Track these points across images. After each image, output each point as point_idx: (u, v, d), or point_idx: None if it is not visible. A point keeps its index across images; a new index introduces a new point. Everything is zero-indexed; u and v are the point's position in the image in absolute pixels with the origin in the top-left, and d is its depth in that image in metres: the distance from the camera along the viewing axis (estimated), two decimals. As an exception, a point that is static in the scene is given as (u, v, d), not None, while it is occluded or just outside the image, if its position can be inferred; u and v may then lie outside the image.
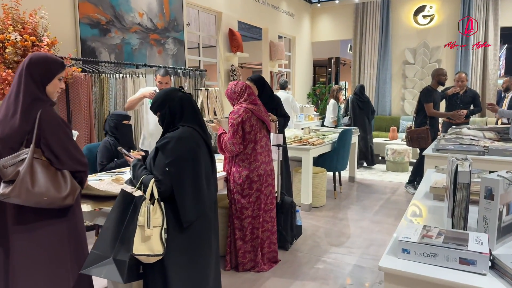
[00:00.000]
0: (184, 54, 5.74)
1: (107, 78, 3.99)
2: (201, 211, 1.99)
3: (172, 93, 2.08)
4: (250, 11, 7.50)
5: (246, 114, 2.82)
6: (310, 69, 10.70)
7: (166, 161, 1.89)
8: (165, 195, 1.92)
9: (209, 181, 2.09)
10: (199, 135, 2.06)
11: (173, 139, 1.94)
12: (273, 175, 3.07)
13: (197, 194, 1.96)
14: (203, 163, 2.03)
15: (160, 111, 2.08)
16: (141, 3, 4.97)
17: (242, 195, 2.89)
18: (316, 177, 4.66)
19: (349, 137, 5.05)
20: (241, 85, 2.98)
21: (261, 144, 2.92)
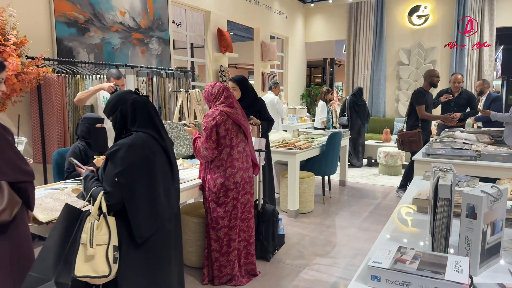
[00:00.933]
0: (169, 54, 5.56)
1: (82, 79, 3.81)
2: (158, 225, 1.82)
3: (125, 95, 1.92)
4: (240, 11, 7.33)
5: (221, 117, 2.65)
6: (304, 70, 10.54)
7: (116, 171, 1.72)
8: (116, 209, 1.75)
9: (168, 191, 1.92)
10: (155, 142, 1.89)
11: (123, 147, 1.77)
12: (252, 182, 2.89)
13: (153, 206, 1.79)
14: (160, 172, 1.86)
15: (112, 115, 1.92)
16: (123, 2, 4.79)
17: (217, 204, 2.71)
18: (303, 182, 4.49)
19: (338, 140, 4.88)
20: (219, 86, 2.81)
21: (238, 149, 2.74)
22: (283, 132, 5.38)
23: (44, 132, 3.62)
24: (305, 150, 4.42)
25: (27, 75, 3.21)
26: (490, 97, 5.99)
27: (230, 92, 2.80)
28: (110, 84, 3.42)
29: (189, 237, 3.10)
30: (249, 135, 2.82)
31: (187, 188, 2.73)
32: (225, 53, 6.53)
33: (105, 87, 3.42)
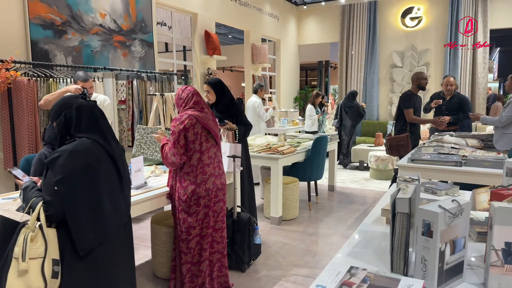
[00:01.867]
0: (153, 57, 5.45)
1: (55, 82, 3.70)
2: (102, 237, 1.71)
3: (70, 100, 1.81)
4: (229, 13, 7.22)
5: (190, 121, 2.52)
6: (297, 72, 10.43)
7: (55, 179, 1.61)
8: (56, 220, 1.63)
9: (115, 200, 1.81)
10: (101, 148, 1.78)
11: (64, 153, 1.66)
12: (225, 190, 2.76)
13: (96, 216, 1.68)
14: (106, 181, 1.75)
15: (56, 120, 1.80)
16: (103, 3, 4.68)
17: (188, 213, 2.57)
18: (287, 188, 4.37)
19: (323, 145, 4.76)
20: (189, 91, 2.68)
21: (209, 154, 2.61)
22: (269, 136, 5.26)
23: (15, 138, 3.50)
24: (289, 155, 4.29)
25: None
26: None
27: (201, 98, 2.67)
28: (76, 86, 3.30)
29: (159, 247, 2.97)
30: (219, 141, 2.69)
31: (153, 197, 2.60)
32: (213, 56, 6.42)
33: (72, 89, 3.30)
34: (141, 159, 2.76)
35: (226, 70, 15.91)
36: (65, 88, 3.38)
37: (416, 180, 1.62)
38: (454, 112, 5.02)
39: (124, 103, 4.47)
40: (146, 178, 2.96)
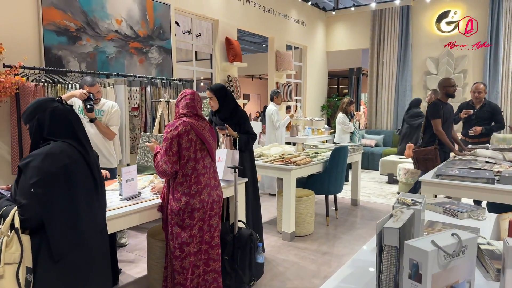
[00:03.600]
0: (171, 64, 5.38)
1: (63, 88, 3.66)
2: (78, 241, 1.68)
3: (45, 103, 1.77)
4: (252, 19, 7.08)
5: (184, 127, 2.35)
6: (325, 80, 10.12)
7: (31, 181, 1.57)
8: (31, 225, 1.59)
9: (91, 206, 1.77)
10: (77, 152, 1.75)
11: (39, 156, 1.63)
12: (222, 203, 2.56)
13: (73, 220, 1.66)
14: (82, 185, 1.72)
15: (29, 123, 1.76)
16: (119, 10, 4.66)
17: (182, 228, 2.38)
18: (300, 201, 4.09)
19: (343, 156, 4.45)
20: (183, 95, 2.51)
21: (204, 163, 2.42)
22: (286, 146, 5.01)
23: (22, 143, 3.49)
24: (303, 166, 4.02)
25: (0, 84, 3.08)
26: None
27: (198, 105, 2.49)
28: (82, 91, 3.25)
29: (154, 262, 2.80)
30: (213, 154, 2.48)
31: (143, 209, 2.43)
32: (233, 63, 6.28)
33: (77, 94, 3.26)
34: (135, 168, 2.61)
35: (255, 78, 15.81)
36: (70, 93, 3.34)
37: (419, 204, 1.34)
38: (485, 121, 4.55)
39: (136, 110, 4.40)
40: (142, 188, 2.82)
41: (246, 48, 16.92)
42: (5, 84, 3.14)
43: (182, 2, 5.55)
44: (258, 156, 4.43)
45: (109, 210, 2.30)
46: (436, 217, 2.06)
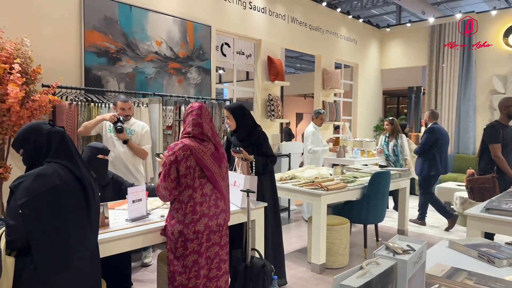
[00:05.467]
0: (209, 83, 5.40)
1: (97, 107, 3.78)
2: (66, 263, 1.65)
3: (39, 126, 1.80)
4: (297, 38, 6.95)
5: (183, 153, 2.22)
6: (379, 99, 9.60)
7: (20, 202, 1.58)
8: (18, 245, 1.60)
9: (81, 227, 1.73)
10: (69, 172, 1.74)
11: (29, 177, 1.64)
12: (223, 232, 2.35)
13: (60, 242, 1.63)
14: (72, 206, 1.70)
15: (24, 148, 1.76)
16: (159, 32, 4.79)
17: (175, 256, 2.24)
18: (333, 230, 3.77)
19: (383, 182, 4.06)
20: (189, 110, 2.37)
21: (203, 191, 2.26)
22: (323, 168, 4.72)
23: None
24: (335, 192, 3.72)
25: (34, 103, 3.24)
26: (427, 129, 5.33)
27: (199, 120, 2.34)
28: (111, 114, 3.40)
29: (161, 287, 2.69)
30: (215, 181, 2.28)
31: (146, 232, 2.34)
32: (274, 82, 6.16)
33: (107, 117, 3.42)
34: (143, 188, 2.55)
35: (308, 97, 15.60)
36: (101, 117, 3.48)
37: (411, 252, 1.06)
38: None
39: (170, 129, 4.43)
40: (154, 209, 2.74)
41: (305, 67, 16.86)
42: (41, 102, 3.29)
43: (223, 23, 5.60)
44: (290, 179, 4.21)
45: (111, 231, 2.25)
46: (466, 263, 1.70)
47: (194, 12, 5.18)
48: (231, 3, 5.72)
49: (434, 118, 5.37)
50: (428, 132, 5.23)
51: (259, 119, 6.21)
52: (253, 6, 6.06)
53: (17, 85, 3.06)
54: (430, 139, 5.16)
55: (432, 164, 5.15)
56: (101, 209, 2.27)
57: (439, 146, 5.17)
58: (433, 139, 5.16)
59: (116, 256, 2.37)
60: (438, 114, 5.51)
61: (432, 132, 5.18)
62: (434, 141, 5.16)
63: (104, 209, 2.29)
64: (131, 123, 3.73)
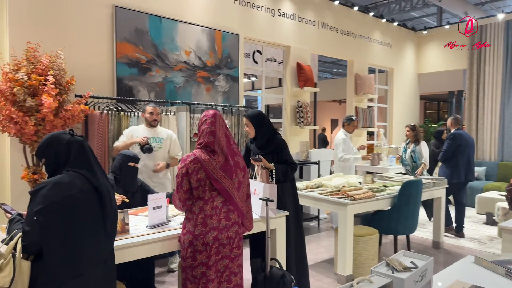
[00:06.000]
0: (237, 91, 5.44)
1: (126, 116, 3.92)
2: (78, 270, 1.68)
3: (59, 136, 1.85)
4: (328, 43, 6.86)
5: (194, 166, 2.22)
6: (416, 104, 9.25)
7: (35, 208, 1.63)
8: (32, 250, 1.65)
9: (96, 235, 1.77)
10: (86, 181, 1.78)
11: (48, 184, 1.69)
12: (235, 244, 2.29)
13: (72, 250, 1.67)
14: (87, 214, 1.74)
15: (45, 157, 1.84)
16: (188, 41, 4.90)
17: (186, 263, 2.25)
18: (360, 241, 3.65)
19: (415, 192, 3.89)
20: (203, 118, 2.35)
21: (214, 204, 2.24)
22: (353, 176, 4.59)
23: (89, 166, 3.79)
24: (362, 201, 3.60)
25: (67, 112, 3.41)
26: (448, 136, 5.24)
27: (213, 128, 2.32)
28: (143, 138, 3.55)
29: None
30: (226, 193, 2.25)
31: (163, 239, 2.37)
32: (304, 88, 6.11)
33: (138, 140, 3.56)
34: (163, 195, 2.60)
35: (343, 102, 15.32)
36: (133, 140, 3.59)
37: (412, 269, 0.99)
38: None
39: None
40: (175, 216, 2.79)
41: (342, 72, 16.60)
42: (73, 112, 3.46)
43: (251, 30, 5.64)
44: (316, 187, 4.13)
45: (131, 237, 2.30)
46: (491, 281, 1.58)
47: (222, 21, 5.26)
48: (260, 11, 5.75)
49: (457, 124, 5.25)
50: (449, 138, 5.13)
51: (288, 126, 6.17)
52: (282, 13, 6.06)
53: (51, 95, 3.23)
54: (451, 146, 5.06)
55: (454, 172, 5.03)
56: (122, 215, 2.34)
57: (461, 152, 5.04)
58: (454, 146, 5.05)
59: (139, 261, 2.43)
60: (461, 119, 5.39)
61: (453, 139, 5.07)
62: (456, 148, 5.03)
63: (125, 216, 2.35)
64: (157, 132, 3.83)
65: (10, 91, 3.20)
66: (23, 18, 3.67)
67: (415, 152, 5.30)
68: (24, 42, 3.47)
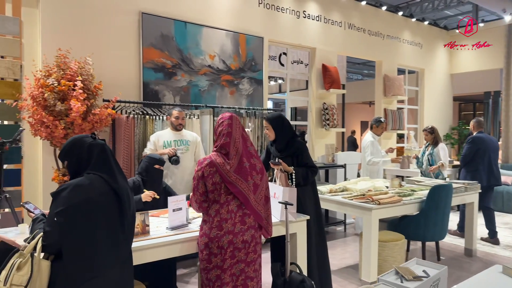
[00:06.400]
0: (261, 94, 5.44)
1: (151, 120, 4.00)
2: (96, 271, 1.72)
3: (81, 139, 1.91)
4: (355, 44, 6.74)
5: (209, 169, 2.22)
6: (449, 105, 8.91)
7: (56, 210, 1.69)
8: (52, 250, 1.71)
9: (114, 236, 1.80)
10: (106, 184, 1.82)
11: (69, 186, 1.74)
12: (250, 248, 2.26)
13: (91, 250, 1.71)
14: (106, 216, 1.78)
15: (68, 159, 1.90)
16: (213, 46, 4.96)
17: (202, 266, 2.26)
18: (385, 247, 3.54)
19: (444, 197, 3.73)
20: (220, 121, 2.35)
21: (229, 208, 2.23)
22: (380, 180, 4.46)
23: (115, 169, 3.90)
24: (387, 206, 3.49)
25: (95, 116, 3.53)
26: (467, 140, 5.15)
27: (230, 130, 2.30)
28: (171, 149, 3.66)
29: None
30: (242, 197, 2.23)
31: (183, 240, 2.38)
32: (329, 90, 6.02)
33: (166, 152, 3.66)
34: (183, 197, 2.63)
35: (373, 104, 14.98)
36: (161, 151, 3.69)
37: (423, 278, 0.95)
38: None
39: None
40: (196, 218, 2.81)
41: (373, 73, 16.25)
42: (101, 116, 3.57)
43: (276, 33, 5.63)
44: (340, 191, 4.05)
45: (150, 238, 2.34)
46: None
47: (246, 24, 5.28)
48: (284, 13, 5.74)
49: (479, 127, 5.15)
50: (468, 142, 5.08)
51: (314, 128, 6.10)
52: (307, 15, 6.02)
53: (79, 100, 3.35)
54: (470, 150, 5.00)
55: (474, 176, 4.92)
56: (142, 217, 2.39)
57: (480, 156, 4.94)
58: (474, 150, 4.97)
59: (161, 262, 2.47)
60: (483, 122, 5.24)
61: (472, 142, 5.00)
62: (476, 152, 4.95)
63: (146, 217, 2.40)
64: (183, 134, 3.89)
65: (41, 96, 3.35)
66: (54, 27, 3.83)
67: (432, 155, 5.12)
68: (55, 50, 3.63)
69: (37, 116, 3.32)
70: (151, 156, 3.28)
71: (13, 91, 3.63)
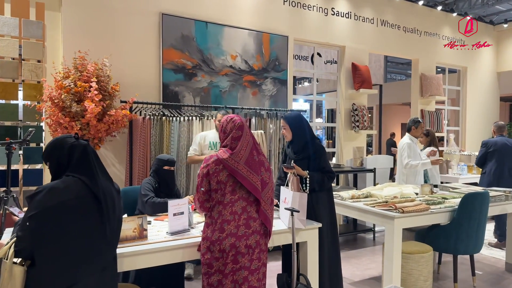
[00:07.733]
0: (285, 95, 5.26)
1: (168, 121, 3.97)
2: (73, 278, 1.63)
3: (62, 140, 1.82)
4: (389, 42, 6.39)
5: (216, 166, 2.13)
6: (495, 106, 8.24)
7: (29, 214, 1.62)
8: (24, 256, 1.60)
9: (92, 242, 1.70)
10: (85, 187, 1.72)
11: (44, 190, 1.66)
12: (254, 254, 2.15)
13: (66, 257, 1.62)
14: (83, 220, 1.68)
15: (49, 161, 1.84)
16: (234, 46, 4.86)
17: (203, 270, 2.15)
18: (410, 259, 3.25)
19: (479, 205, 3.38)
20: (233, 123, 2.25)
21: (233, 209, 2.12)
22: (409, 186, 4.14)
23: (132, 170, 3.90)
24: (412, 215, 3.20)
25: (110, 117, 3.54)
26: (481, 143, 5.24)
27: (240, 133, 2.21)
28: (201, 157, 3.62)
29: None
30: (253, 190, 2.14)
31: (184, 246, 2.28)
32: (359, 90, 5.73)
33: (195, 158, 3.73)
34: (185, 201, 2.53)
35: (405, 105, 14.26)
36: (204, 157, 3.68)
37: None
38: None
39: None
40: (201, 223, 2.71)
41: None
42: (116, 117, 3.58)
43: (302, 32, 5.44)
44: (364, 197, 3.79)
45: (148, 243, 2.26)
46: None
47: (270, 23, 5.14)
48: (311, 11, 5.54)
49: (499, 131, 5.21)
50: (481, 145, 5.22)
51: (342, 130, 5.83)
52: (336, 12, 5.78)
53: (94, 101, 3.37)
54: (481, 152, 5.15)
55: (483, 178, 5.06)
56: (140, 221, 2.32)
57: (491, 159, 5.02)
58: (485, 152, 5.08)
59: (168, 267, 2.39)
60: (504, 126, 5.23)
61: (484, 145, 5.13)
62: (486, 154, 5.05)
63: (143, 221, 2.32)
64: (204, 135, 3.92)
65: (59, 97, 3.41)
66: (75, 29, 3.90)
67: None
68: (76, 52, 3.69)
69: (54, 117, 3.37)
70: (160, 157, 3.21)
71: (35, 93, 3.74)
